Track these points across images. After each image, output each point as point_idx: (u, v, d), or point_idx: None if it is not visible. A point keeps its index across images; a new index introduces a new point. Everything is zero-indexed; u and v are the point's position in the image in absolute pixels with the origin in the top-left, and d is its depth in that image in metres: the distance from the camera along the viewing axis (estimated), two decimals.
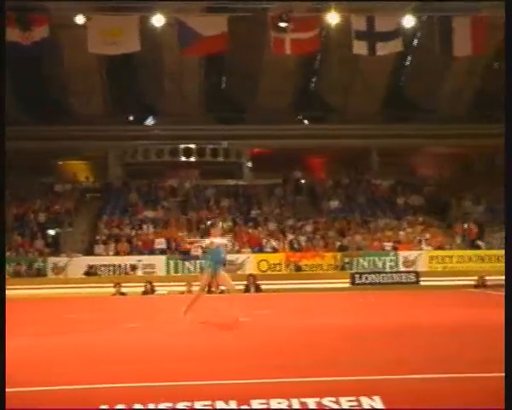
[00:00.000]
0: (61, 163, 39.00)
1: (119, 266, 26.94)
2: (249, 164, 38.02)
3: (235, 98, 37.39)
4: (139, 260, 27.33)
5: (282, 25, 25.54)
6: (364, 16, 26.27)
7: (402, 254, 28.49)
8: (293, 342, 9.67)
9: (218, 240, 12.44)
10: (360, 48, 26.55)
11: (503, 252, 29.09)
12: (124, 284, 22.56)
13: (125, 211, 32.03)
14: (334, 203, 33.92)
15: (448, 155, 39.29)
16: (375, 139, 36.94)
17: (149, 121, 38.63)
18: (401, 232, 30.65)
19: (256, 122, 35.91)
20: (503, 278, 24.51)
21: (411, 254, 28.55)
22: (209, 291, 14.46)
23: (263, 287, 22.61)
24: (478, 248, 30.10)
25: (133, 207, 32.45)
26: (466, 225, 31.81)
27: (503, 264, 30.08)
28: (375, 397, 5.58)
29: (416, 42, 34.81)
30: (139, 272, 26.86)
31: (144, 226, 30.29)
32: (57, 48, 30.46)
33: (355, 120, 35.99)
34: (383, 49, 26.63)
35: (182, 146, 36.98)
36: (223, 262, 12.49)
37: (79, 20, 25.20)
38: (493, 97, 37.21)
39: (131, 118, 38.60)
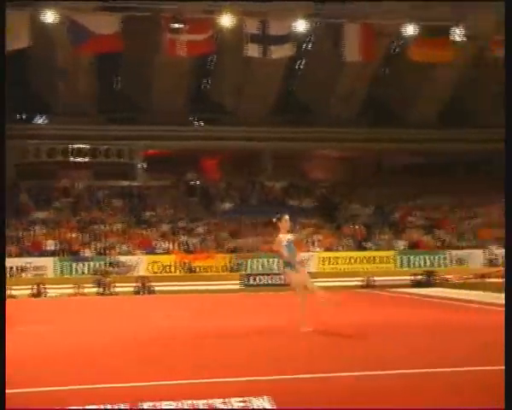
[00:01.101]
0: None
1: (10, 268, 26.08)
2: (143, 165, 37.66)
3: (129, 98, 36.96)
4: (29, 262, 26.63)
5: (177, 26, 25.52)
6: (258, 19, 26.59)
7: None
8: (181, 343, 9.70)
9: (290, 235, 11.02)
10: (253, 50, 26.85)
11: (389, 253, 30.27)
12: (13, 287, 21.89)
13: (16, 212, 31.10)
14: (227, 205, 34.14)
15: (338, 158, 40.23)
16: (268, 142, 37.34)
17: (41, 120, 37.63)
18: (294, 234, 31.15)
19: (150, 123, 35.62)
20: (390, 278, 25.22)
21: (303, 256, 29.04)
22: None
23: (156, 289, 22.51)
24: (366, 249, 31.02)
25: (23, 208, 31.56)
26: (354, 227, 32.73)
27: (390, 264, 31.11)
28: (264, 397, 5.69)
29: (308, 46, 35.45)
30: (28, 275, 26.18)
31: (34, 227, 29.53)
32: None
33: (248, 122, 36.28)
34: (276, 52, 27.05)
35: (74, 146, 36.20)
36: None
37: None
38: (381, 102, 38.50)
39: (23, 116, 37.46)
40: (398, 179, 37.52)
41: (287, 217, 11.05)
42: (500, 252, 30.48)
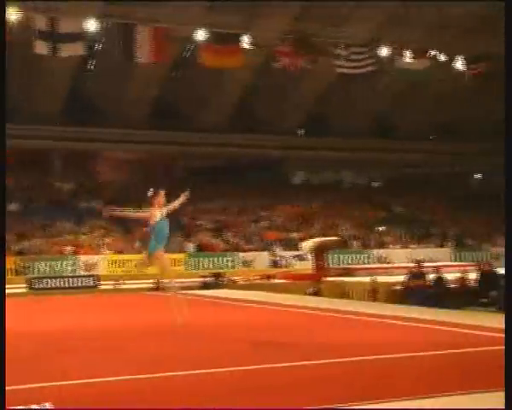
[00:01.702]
0: None
1: None
2: None
3: None
4: None
5: None
6: (47, 16, 25.77)
7: (82, 258, 28.41)
8: None
9: (164, 211, 10.46)
10: (42, 48, 25.98)
11: (179, 255, 30.58)
12: None
13: None
14: (14, 206, 32.71)
15: (129, 160, 40.02)
16: (57, 141, 36.29)
17: None
18: (82, 236, 30.54)
19: None
20: (180, 280, 25.63)
21: (92, 259, 28.60)
22: None
23: None
24: None
25: None
26: (145, 230, 32.67)
27: (180, 267, 31.44)
28: (46, 404, 5.54)
29: (100, 47, 34.88)
30: None
31: None
32: None
33: (36, 120, 35.02)
34: (66, 50, 26.35)
35: None
36: (167, 238, 10.56)
37: None
38: (173, 105, 38.81)
39: None
40: (188, 182, 37.84)
41: (162, 192, 10.60)
42: (285, 254, 31.96)
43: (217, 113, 39.19)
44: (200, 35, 28.47)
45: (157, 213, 10.45)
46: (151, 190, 10.78)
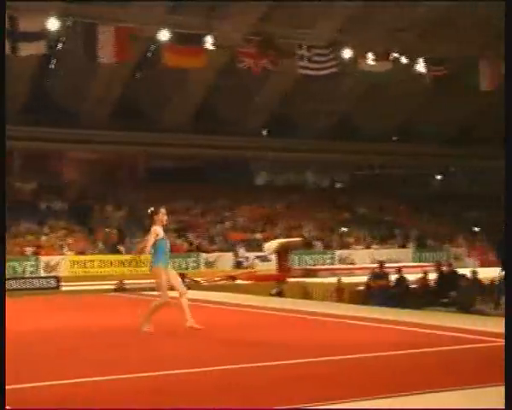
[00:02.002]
0: None
1: None
2: None
3: None
4: None
5: None
6: (7, 15, 25.39)
7: (43, 259, 28.10)
8: None
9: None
10: None
11: (143, 256, 30.37)
12: None
13: None
14: None
15: (91, 160, 39.71)
16: (18, 141, 35.76)
17: None
18: (43, 237, 30.21)
19: None
20: (144, 281, 25.30)
21: (53, 260, 28.31)
22: None
23: None
24: (119, 252, 30.91)
25: None
26: (107, 230, 32.47)
27: (143, 268, 31.04)
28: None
29: (61, 46, 34.50)
30: None
31: None
32: None
33: None
34: (26, 49, 26.01)
35: None
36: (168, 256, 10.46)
37: None
38: (135, 105, 38.60)
39: None
40: (151, 183, 37.93)
41: (163, 210, 10.57)
42: (249, 254, 31.99)
43: (180, 113, 39.06)
44: (163, 35, 28.32)
45: (160, 230, 10.43)
46: (151, 208, 10.81)
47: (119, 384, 6.62)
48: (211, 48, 28.53)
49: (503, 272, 19.05)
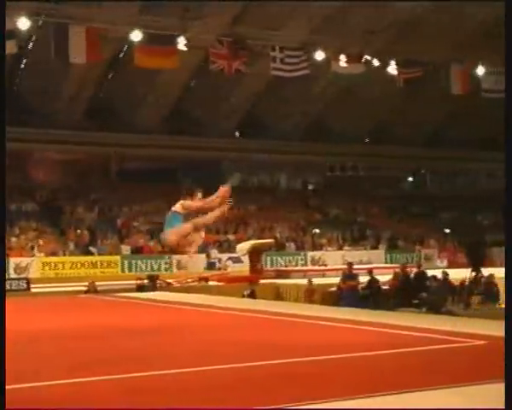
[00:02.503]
0: None
1: None
2: None
3: None
4: None
5: None
6: None
7: (13, 260, 27.80)
8: None
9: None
10: None
11: (114, 258, 30.26)
12: None
13: None
14: None
15: (62, 160, 39.39)
16: None
17: None
18: (13, 238, 29.89)
19: None
20: (115, 282, 25.22)
21: (23, 261, 28.02)
22: None
23: None
24: (90, 254, 30.69)
25: None
26: (79, 232, 32.23)
27: (115, 269, 30.89)
28: None
29: (32, 46, 34.16)
30: None
31: None
32: None
33: None
34: None
35: None
36: None
37: None
38: (107, 106, 38.37)
39: None
40: (123, 184, 37.73)
41: (199, 193, 10.02)
42: (221, 256, 31.95)
43: (153, 114, 38.90)
44: (136, 35, 28.19)
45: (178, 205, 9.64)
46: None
47: (85, 386, 6.56)
48: (184, 49, 28.44)
49: (473, 273, 19.31)
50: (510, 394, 5.02)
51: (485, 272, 19.48)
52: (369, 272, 21.93)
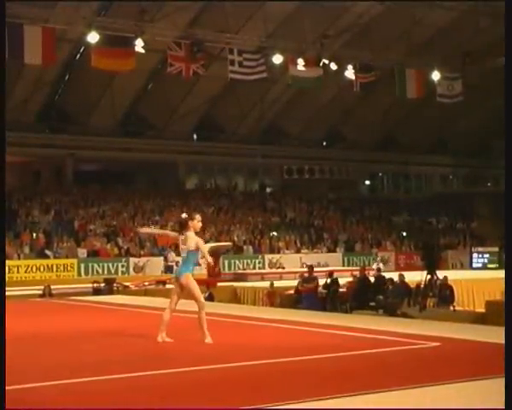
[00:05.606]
0: None
1: None
2: None
3: None
4: None
5: None
6: None
7: None
8: None
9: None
10: None
11: (70, 261, 29.91)
12: None
13: None
14: None
15: (16, 163, 38.80)
16: None
17: None
18: None
19: None
20: (71, 286, 24.90)
21: None
22: None
23: None
24: (46, 257, 30.31)
25: None
26: (34, 235, 31.81)
27: (71, 273, 30.49)
28: None
29: None
30: None
31: None
32: None
33: None
34: None
35: None
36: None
37: None
38: (62, 107, 37.99)
39: None
40: (79, 187, 37.37)
41: (199, 216, 10.06)
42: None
43: (108, 116, 38.56)
44: (92, 37, 27.89)
45: (192, 240, 10.10)
46: (185, 214, 10.55)
47: (46, 390, 6.49)
48: (141, 51, 28.27)
49: (429, 276, 19.56)
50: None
51: (440, 274, 19.74)
52: (330, 274, 22.06)
